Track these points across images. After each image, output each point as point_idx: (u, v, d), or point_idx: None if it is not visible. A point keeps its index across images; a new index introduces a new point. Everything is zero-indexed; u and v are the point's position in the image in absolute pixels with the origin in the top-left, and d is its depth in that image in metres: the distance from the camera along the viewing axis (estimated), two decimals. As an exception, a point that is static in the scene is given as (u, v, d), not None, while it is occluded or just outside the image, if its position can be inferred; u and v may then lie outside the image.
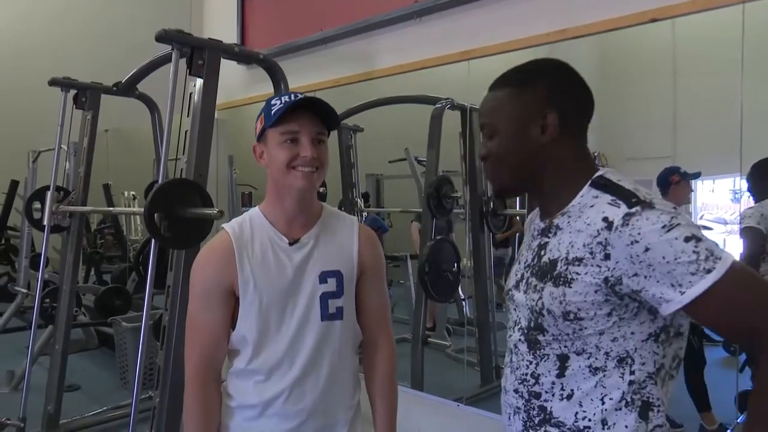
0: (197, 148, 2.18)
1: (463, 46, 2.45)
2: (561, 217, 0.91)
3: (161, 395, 2.15)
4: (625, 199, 0.83)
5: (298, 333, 1.14)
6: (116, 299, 4.14)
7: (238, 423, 1.18)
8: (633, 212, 0.80)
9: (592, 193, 0.89)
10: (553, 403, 0.88)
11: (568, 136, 0.92)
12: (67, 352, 2.99)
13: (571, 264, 0.85)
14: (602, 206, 0.85)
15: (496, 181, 0.98)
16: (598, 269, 0.82)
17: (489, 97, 0.97)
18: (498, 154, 0.94)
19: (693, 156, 2.41)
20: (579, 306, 0.84)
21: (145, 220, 1.97)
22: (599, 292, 0.82)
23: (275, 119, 1.09)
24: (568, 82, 0.95)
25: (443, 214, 3.16)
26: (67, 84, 2.89)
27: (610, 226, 0.81)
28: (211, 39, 2.21)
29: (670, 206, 0.81)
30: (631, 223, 0.79)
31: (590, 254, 0.83)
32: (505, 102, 0.94)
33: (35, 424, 2.93)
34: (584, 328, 0.85)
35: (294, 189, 1.13)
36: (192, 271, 1.18)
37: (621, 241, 0.80)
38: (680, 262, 0.76)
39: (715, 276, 0.75)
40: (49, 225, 2.89)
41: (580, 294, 0.83)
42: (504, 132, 0.94)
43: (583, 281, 0.83)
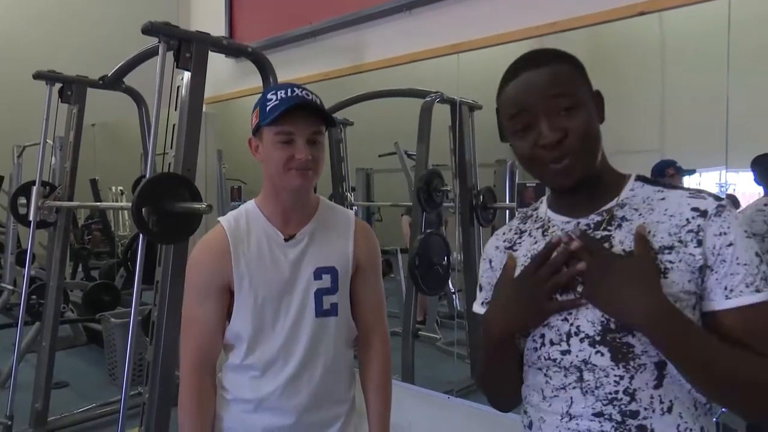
0: (185, 142, 2.16)
1: (452, 39, 2.45)
2: (620, 210, 0.83)
3: (150, 391, 2.13)
4: (702, 192, 0.81)
5: (292, 330, 1.14)
6: (104, 295, 4.11)
7: (233, 415, 1.18)
8: (725, 204, 0.79)
9: (648, 187, 0.85)
10: (653, 420, 0.77)
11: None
12: (54, 348, 2.97)
13: (660, 253, 0.78)
14: (682, 199, 0.81)
15: (579, 162, 0.81)
16: (692, 257, 0.77)
17: (552, 68, 0.82)
18: (589, 130, 0.81)
19: (680, 149, 2.43)
20: (675, 296, 0.76)
21: (133, 215, 1.95)
22: (692, 281, 0.77)
23: (271, 119, 1.08)
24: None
25: (433, 207, 3.16)
26: (52, 77, 2.85)
27: (704, 214, 0.78)
28: (199, 32, 2.19)
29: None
30: (723, 215, 0.78)
31: (680, 242, 0.78)
32: (577, 76, 0.83)
33: (23, 422, 2.91)
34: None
35: (290, 188, 1.12)
36: (188, 265, 1.18)
37: (711, 230, 0.77)
38: (747, 269, 0.76)
39: (760, 298, 0.75)
40: (35, 220, 2.85)
41: (678, 284, 0.77)
42: (588, 107, 0.82)
43: (679, 269, 0.77)
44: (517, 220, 0.98)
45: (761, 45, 1.92)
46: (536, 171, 0.84)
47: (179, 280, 2.18)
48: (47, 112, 2.89)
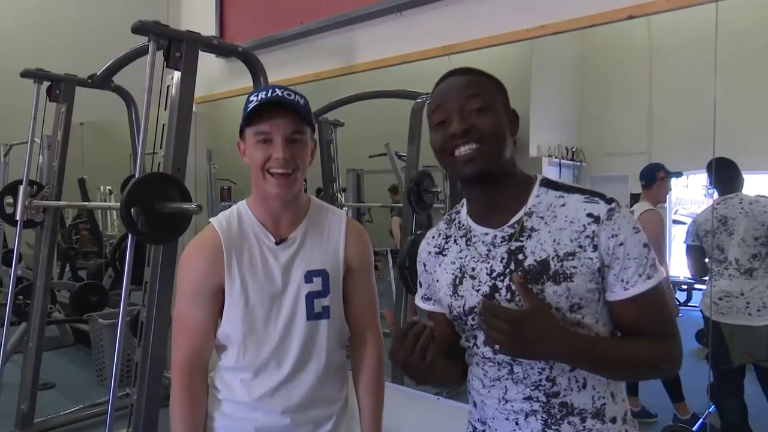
0: (175, 142, 2.15)
1: (444, 40, 2.45)
2: (528, 219, 0.92)
3: (139, 392, 2.12)
4: (595, 195, 0.91)
5: (284, 333, 1.14)
6: (92, 295, 4.08)
7: (225, 414, 1.18)
8: (613, 207, 0.89)
9: (551, 193, 0.94)
10: (572, 396, 0.91)
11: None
12: (41, 349, 2.95)
13: (564, 260, 0.88)
14: (578, 204, 0.90)
15: (485, 157, 0.90)
16: (591, 261, 0.88)
17: (477, 76, 0.95)
18: (498, 130, 0.91)
19: (667, 152, 2.46)
20: (582, 296, 0.89)
21: (122, 215, 1.94)
22: (593, 281, 0.88)
23: (247, 119, 1.08)
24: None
25: (424, 208, 3.16)
26: (40, 75, 2.83)
27: (597, 220, 0.88)
28: (189, 31, 2.18)
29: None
30: (613, 217, 0.88)
31: (580, 247, 0.88)
32: (493, 86, 0.95)
33: (8, 423, 2.88)
34: (584, 315, 0.90)
35: (271, 195, 1.12)
36: (180, 266, 1.17)
37: (604, 234, 0.88)
38: (638, 262, 0.88)
39: (649, 285, 0.88)
40: (21, 220, 2.83)
41: (581, 286, 0.88)
42: (499, 111, 0.93)
43: (581, 273, 0.88)
44: (443, 223, 1.07)
45: (747, 49, 1.95)
46: (446, 161, 0.93)
47: (168, 280, 2.17)
48: (35, 111, 2.87)
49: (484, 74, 0.97)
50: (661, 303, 0.90)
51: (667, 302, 0.92)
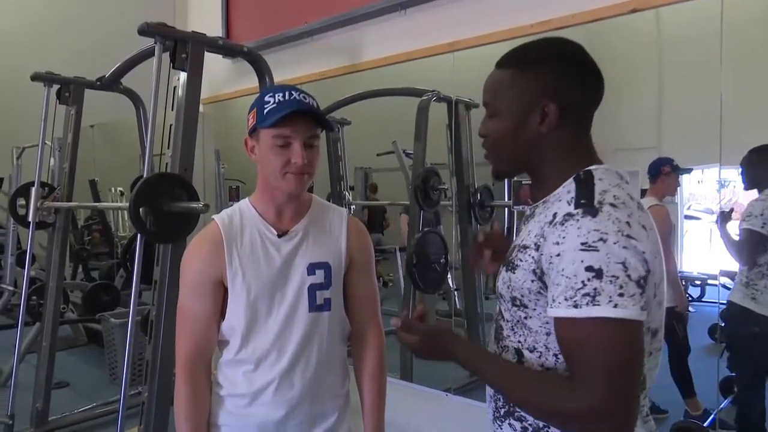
0: (182, 142, 2.17)
1: (447, 37, 2.46)
2: (541, 206, 0.90)
3: (149, 389, 2.15)
4: (578, 197, 0.81)
5: (286, 324, 1.15)
6: (104, 295, 4.12)
7: (228, 411, 1.19)
8: (573, 214, 0.79)
9: (569, 186, 0.86)
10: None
11: (568, 126, 0.89)
12: (54, 348, 2.98)
13: (519, 251, 0.86)
14: (563, 202, 0.84)
15: (493, 163, 0.96)
16: (531, 260, 0.83)
17: (493, 75, 0.94)
18: (496, 137, 0.93)
19: (678, 146, 2.44)
20: (521, 292, 0.85)
21: (131, 215, 1.96)
22: (534, 281, 0.83)
23: (269, 123, 1.09)
24: (575, 69, 0.89)
25: (430, 206, 3.16)
26: (49, 79, 2.86)
27: (552, 221, 0.81)
28: (195, 32, 2.20)
29: (621, 223, 0.76)
30: (566, 224, 0.79)
31: (534, 244, 0.83)
32: (508, 84, 0.91)
33: (24, 421, 2.92)
34: (530, 317, 0.85)
35: (285, 192, 1.14)
36: (182, 262, 1.19)
37: (551, 237, 0.80)
38: (568, 282, 0.75)
39: (573, 314, 0.74)
40: (34, 221, 2.86)
41: (520, 280, 0.84)
42: (504, 115, 0.91)
43: (522, 268, 0.84)
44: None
45: (753, 42, 1.93)
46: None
47: (177, 279, 2.17)
48: (45, 114, 2.90)
49: (506, 63, 0.92)
50: (584, 342, 0.74)
51: (598, 346, 0.73)
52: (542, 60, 0.90)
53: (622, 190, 0.82)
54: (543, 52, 0.91)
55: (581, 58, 0.91)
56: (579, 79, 0.89)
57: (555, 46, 0.92)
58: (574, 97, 0.88)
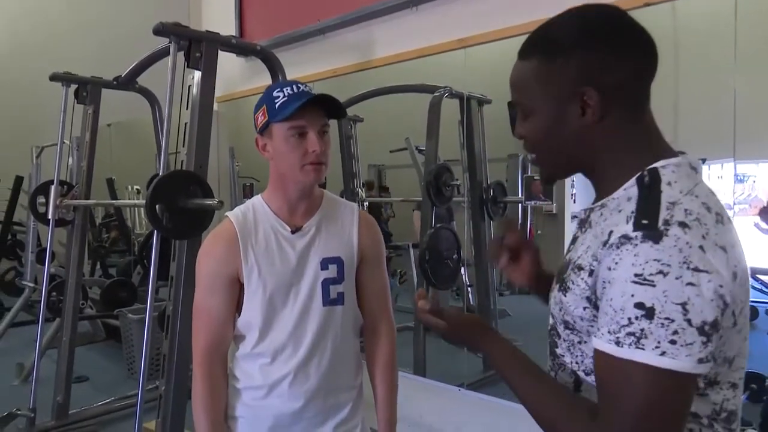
0: (197, 140, 2.20)
1: (459, 34, 2.46)
2: (597, 211, 0.78)
3: (167, 384, 2.19)
4: (640, 215, 0.68)
5: (301, 318, 1.18)
6: (122, 292, 4.19)
7: (244, 403, 1.22)
8: (632, 237, 0.66)
9: (631, 191, 0.73)
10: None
11: (616, 110, 0.75)
12: (74, 343, 3.05)
13: (574, 270, 0.75)
14: (623, 215, 0.70)
15: (542, 166, 0.83)
16: (585, 285, 0.72)
17: (517, 68, 0.80)
18: (535, 139, 0.80)
19: (694, 140, 2.42)
20: (573, 318, 0.76)
21: (147, 212, 2.00)
22: (587, 309, 0.73)
23: (285, 115, 1.10)
24: (609, 41, 0.74)
25: (443, 202, 3.17)
26: (67, 79, 2.92)
27: (606, 242, 0.69)
28: (209, 31, 2.23)
29: (690, 251, 0.63)
30: (621, 248, 0.67)
31: (588, 266, 0.72)
32: (535, 76, 0.77)
33: (45, 414, 2.99)
34: (584, 341, 0.76)
35: (304, 184, 1.16)
36: (197, 258, 1.21)
37: (605, 261, 0.69)
38: (614, 315, 0.66)
39: (613, 351, 0.66)
40: (53, 219, 2.93)
41: (572, 306, 0.75)
42: (539, 114, 0.78)
43: (574, 293, 0.74)
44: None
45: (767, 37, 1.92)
46: None
47: (193, 275, 2.21)
48: (63, 113, 2.96)
49: (530, 51, 0.79)
50: (618, 382, 0.65)
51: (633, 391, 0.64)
52: (569, 40, 0.75)
53: (695, 199, 0.68)
54: (568, 29, 0.76)
55: (615, 25, 0.75)
56: (618, 52, 0.74)
57: (580, 19, 0.76)
58: (615, 76, 0.73)
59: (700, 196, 0.69)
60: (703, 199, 0.69)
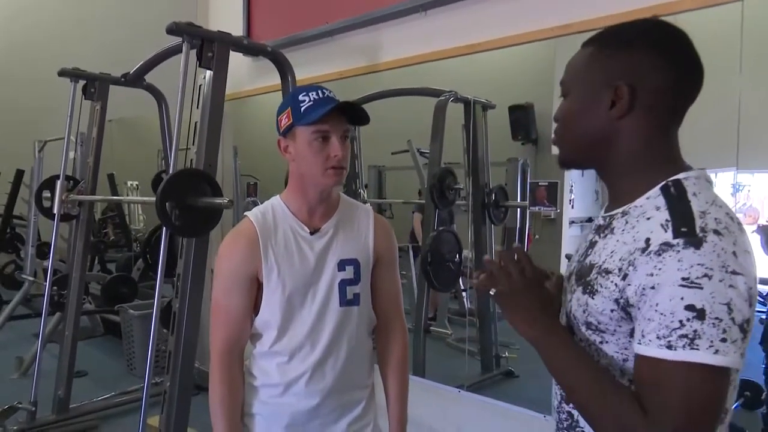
0: (207, 139, 2.22)
1: (467, 40, 2.48)
2: (620, 218, 0.80)
3: (172, 379, 2.21)
4: (677, 223, 0.70)
5: (318, 318, 1.20)
6: (122, 287, 4.20)
7: (261, 400, 1.24)
8: (673, 244, 0.69)
9: (658, 201, 0.76)
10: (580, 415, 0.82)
11: (647, 113, 0.78)
12: (77, 338, 3.06)
13: (600, 274, 0.77)
14: (656, 223, 0.72)
15: (561, 147, 0.88)
16: (615, 287, 0.74)
17: (576, 55, 0.86)
18: (566, 117, 0.85)
19: (696, 150, 2.46)
20: (599, 319, 0.78)
21: (158, 209, 2.02)
22: (615, 311, 0.76)
23: (310, 119, 1.13)
24: (662, 49, 0.78)
25: (446, 205, 3.20)
26: (76, 75, 2.93)
27: (646, 248, 0.71)
28: (221, 32, 2.25)
29: (726, 255, 0.67)
30: (663, 255, 0.69)
31: (618, 270, 0.74)
32: (584, 61, 0.83)
33: (46, 408, 3.00)
34: (606, 341, 0.79)
35: (325, 187, 1.19)
36: (218, 257, 1.23)
37: (644, 268, 0.71)
38: (663, 320, 0.68)
39: (665, 355, 0.68)
40: (59, 213, 2.94)
41: (599, 308, 0.77)
42: (574, 95, 0.84)
43: (603, 295, 0.76)
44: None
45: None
46: None
47: (200, 272, 2.24)
48: (71, 109, 2.97)
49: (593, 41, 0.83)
50: (671, 384, 0.68)
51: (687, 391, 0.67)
52: (629, 37, 0.80)
53: (720, 209, 0.73)
54: (632, 30, 0.81)
55: (676, 41, 0.79)
56: (665, 61, 0.77)
57: (647, 25, 0.81)
58: (655, 80, 0.77)
59: (723, 206, 0.74)
60: (725, 210, 0.74)
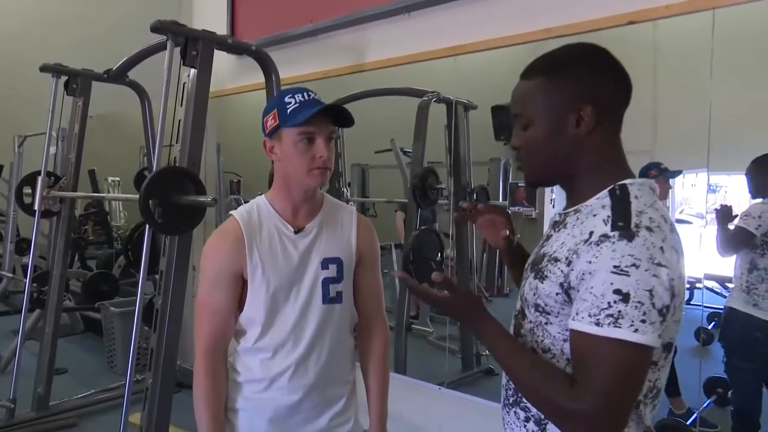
0: (191, 137, 2.23)
1: (450, 41, 2.52)
2: (572, 215, 0.91)
3: (154, 376, 2.21)
4: (616, 218, 0.82)
5: (302, 315, 1.23)
6: (103, 285, 4.17)
7: (245, 396, 1.26)
8: (610, 236, 0.80)
9: (604, 201, 0.87)
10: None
11: (604, 127, 0.90)
12: (57, 335, 3.04)
13: (550, 262, 0.87)
14: (599, 219, 0.84)
15: (531, 172, 0.96)
16: (561, 273, 0.85)
17: (521, 86, 0.94)
18: (534, 146, 0.92)
19: (671, 151, 2.52)
20: (546, 301, 0.88)
21: (141, 207, 2.02)
22: (559, 294, 0.86)
23: (296, 121, 1.16)
24: (604, 70, 0.90)
25: (428, 204, 3.24)
26: (58, 70, 2.91)
27: (587, 240, 0.82)
28: (205, 30, 2.26)
29: (654, 249, 0.78)
30: (601, 245, 0.80)
31: (565, 258, 0.85)
32: (538, 92, 0.91)
33: (25, 405, 2.98)
34: (551, 323, 0.88)
35: (309, 188, 1.22)
36: (203, 255, 1.25)
37: (585, 256, 0.81)
38: (594, 300, 0.78)
39: (593, 331, 0.78)
40: (39, 210, 2.91)
41: (547, 290, 0.87)
42: (540, 124, 0.91)
43: (551, 281, 0.86)
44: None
45: (742, 55, 2.02)
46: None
47: (183, 270, 2.25)
48: (53, 104, 2.95)
49: (533, 72, 0.93)
50: (597, 356, 0.78)
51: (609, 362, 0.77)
52: (570, 64, 0.91)
53: (656, 211, 0.83)
54: (569, 56, 0.92)
55: (608, 59, 0.91)
56: (609, 79, 0.90)
57: (581, 49, 0.92)
58: (607, 97, 0.89)
59: (659, 209, 0.85)
60: (661, 212, 0.85)
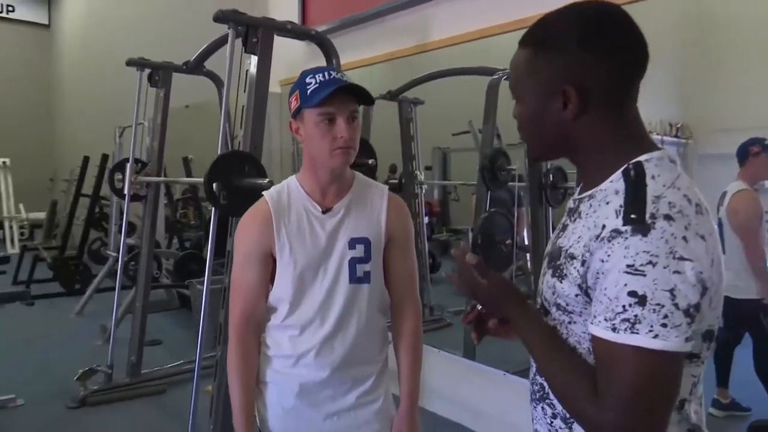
0: (253, 122, 2.30)
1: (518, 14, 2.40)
2: (586, 202, 0.81)
3: (222, 350, 2.33)
4: (628, 209, 0.72)
5: (328, 294, 1.24)
6: (192, 264, 4.46)
7: (274, 369, 1.30)
8: (622, 231, 0.70)
9: (618, 184, 0.76)
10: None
11: (598, 110, 0.78)
12: (147, 309, 3.30)
13: (567, 259, 0.79)
14: (612, 209, 0.74)
15: (528, 145, 0.89)
16: (577, 273, 0.76)
17: (516, 54, 0.84)
18: (522, 122, 0.85)
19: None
20: (566, 301, 0.80)
21: (205, 189, 2.13)
22: (579, 295, 0.77)
23: (315, 101, 1.15)
24: (602, 44, 0.76)
25: (497, 186, 3.13)
26: (141, 64, 3.12)
27: (599, 235, 0.73)
28: (265, 17, 2.31)
29: (675, 241, 0.68)
30: (612, 242, 0.71)
31: (581, 255, 0.76)
32: (526, 66, 0.81)
33: (121, 372, 3.28)
34: (574, 321, 0.81)
35: (332, 167, 1.22)
36: (235, 234, 1.30)
37: (597, 254, 0.73)
38: (609, 303, 0.71)
39: (610, 337, 0.70)
40: (129, 194, 3.16)
41: (566, 291, 0.79)
42: (525, 101, 0.83)
43: (569, 280, 0.78)
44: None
45: None
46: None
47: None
48: (138, 96, 3.17)
49: (525, 42, 0.82)
50: (616, 364, 0.70)
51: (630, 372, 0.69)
52: (560, 35, 0.78)
53: (677, 191, 0.72)
54: (563, 25, 0.78)
55: (607, 26, 0.77)
56: (604, 54, 0.76)
57: (576, 17, 0.78)
58: (597, 78, 0.76)
59: (681, 188, 0.73)
60: (684, 191, 0.72)
